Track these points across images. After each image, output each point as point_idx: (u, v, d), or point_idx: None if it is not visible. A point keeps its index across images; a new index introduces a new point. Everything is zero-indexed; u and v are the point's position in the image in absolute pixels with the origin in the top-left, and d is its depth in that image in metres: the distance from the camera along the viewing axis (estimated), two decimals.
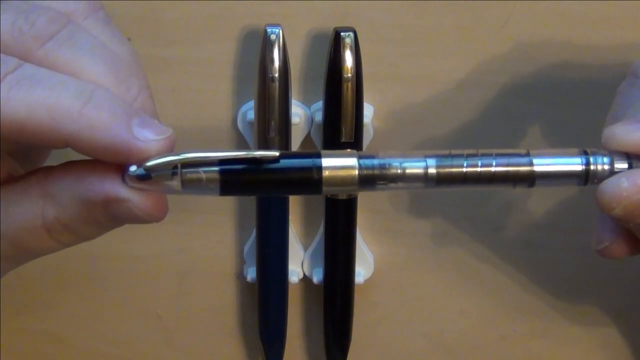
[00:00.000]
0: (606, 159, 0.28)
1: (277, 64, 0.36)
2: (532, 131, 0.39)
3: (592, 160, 0.28)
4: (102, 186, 0.27)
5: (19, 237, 0.27)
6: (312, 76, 0.39)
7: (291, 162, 0.27)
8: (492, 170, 0.28)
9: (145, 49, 0.38)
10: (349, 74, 0.36)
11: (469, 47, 0.39)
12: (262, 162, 0.27)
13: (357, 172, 0.28)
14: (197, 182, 0.27)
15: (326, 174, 0.27)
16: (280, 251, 0.40)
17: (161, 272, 0.42)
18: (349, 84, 0.36)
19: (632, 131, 0.28)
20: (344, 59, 0.36)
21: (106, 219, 0.27)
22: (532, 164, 0.28)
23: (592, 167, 0.28)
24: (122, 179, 0.27)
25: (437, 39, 0.38)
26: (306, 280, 0.42)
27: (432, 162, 0.28)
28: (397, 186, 0.28)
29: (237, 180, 0.27)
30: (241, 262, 0.42)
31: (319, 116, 0.39)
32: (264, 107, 0.37)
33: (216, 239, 0.42)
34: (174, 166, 0.27)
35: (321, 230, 0.41)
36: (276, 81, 0.36)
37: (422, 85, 0.39)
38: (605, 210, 0.28)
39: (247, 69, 0.39)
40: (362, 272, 0.41)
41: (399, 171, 0.28)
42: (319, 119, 0.39)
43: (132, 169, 0.26)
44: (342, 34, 0.36)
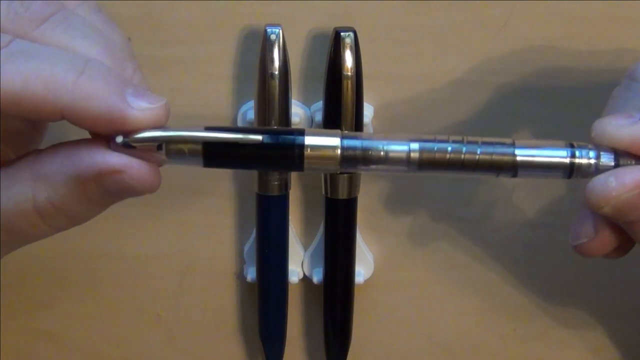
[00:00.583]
0: (592, 153, 0.28)
1: (277, 63, 0.36)
2: (532, 131, 0.39)
3: (577, 153, 0.28)
4: (92, 159, 0.27)
5: (11, 222, 0.27)
6: (312, 76, 0.39)
7: (274, 139, 0.28)
8: (476, 157, 0.28)
9: (145, 49, 0.38)
10: (349, 74, 0.36)
11: (469, 47, 0.39)
12: (245, 135, 0.27)
13: (339, 152, 0.28)
14: (181, 154, 0.27)
15: (308, 152, 0.27)
16: (280, 251, 0.40)
17: (161, 272, 0.42)
18: (349, 84, 0.36)
19: (623, 127, 0.28)
20: (344, 59, 0.36)
21: (99, 194, 0.27)
22: (517, 154, 0.28)
23: (577, 161, 0.28)
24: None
25: (437, 39, 0.38)
26: (306, 280, 0.42)
27: (415, 146, 0.28)
28: (379, 168, 0.28)
29: (221, 154, 0.27)
30: (241, 262, 0.42)
31: (319, 116, 0.39)
32: (264, 107, 0.37)
33: (216, 239, 0.42)
34: (157, 142, 0.27)
35: (321, 230, 0.41)
36: (276, 81, 0.36)
37: (422, 85, 0.39)
38: (594, 208, 0.28)
39: (247, 69, 0.39)
40: (362, 272, 0.41)
41: (382, 153, 0.28)
42: (319, 119, 0.39)
43: (118, 138, 0.27)
44: (342, 34, 0.36)
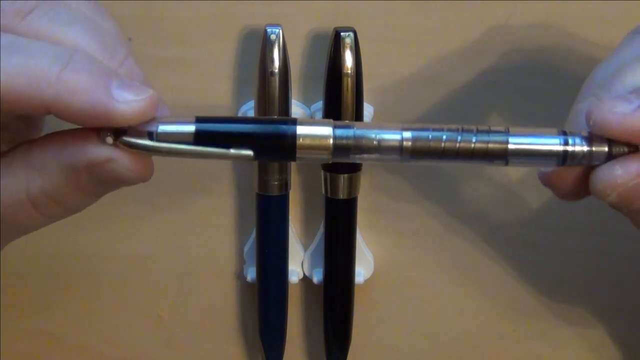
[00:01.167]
0: (584, 140, 0.28)
1: (277, 63, 0.36)
2: None
3: (570, 141, 0.28)
4: (84, 149, 0.27)
5: (5, 212, 0.27)
6: (312, 76, 0.39)
7: (267, 128, 0.27)
8: (472, 146, 0.28)
9: (145, 49, 0.38)
10: (349, 74, 0.36)
11: (469, 47, 0.39)
12: (237, 124, 0.27)
13: (331, 142, 0.28)
14: (170, 143, 0.27)
15: (300, 141, 0.27)
16: (280, 251, 0.40)
17: (161, 272, 0.42)
18: (349, 84, 0.36)
19: (623, 116, 0.27)
20: (344, 59, 0.36)
21: (92, 184, 0.27)
22: (510, 142, 0.28)
23: (570, 148, 0.28)
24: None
25: (437, 39, 0.38)
26: (306, 280, 0.42)
27: (407, 134, 0.28)
28: (371, 157, 0.28)
29: (210, 141, 0.27)
30: (241, 262, 0.42)
31: (319, 116, 0.39)
32: (264, 107, 0.37)
33: (216, 239, 0.42)
34: (150, 123, 0.27)
35: (321, 230, 0.41)
36: (276, 81, 0.36)
37: (422, 85, 0.39)
38: (600, 196, 0.28)
39: (247, 69, 0.39)
40: (362, 272, 0.41)
41: (375, 142, 0.28)
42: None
43: (108, 140, 0.27)
44: (342, 34, 0.36)
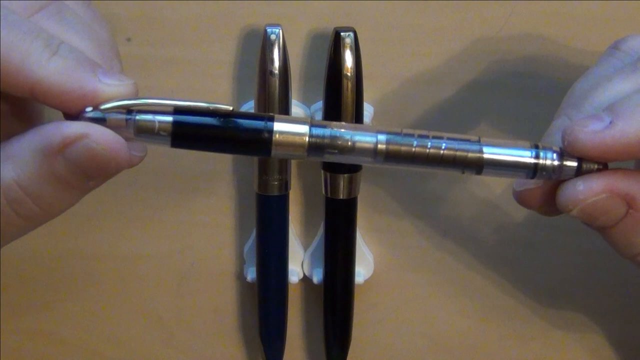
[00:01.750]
0: (556, 155, 0.29)
1: (277, 63, 0.36)
2: (532, 131, 0.39)
3: (542, 154, 0.29)
4: (58, 129, 0.26)
5: None
6: (312, 76, 0.39)
7: (244, 122, 0.28)
8: (441, 152, 0.28)
9: (145, 49, 0.38)
10: (349, 74, 0.36)
11: (469, 47, 0.39)
12: (216, 116, 0.27)
13: (307, 139, 0.28)
14: (149, 130, 0.27)
15: (277, 137, 0.28)
16: (280, 251, 0.40)
17: (161, 272, 0.42)
18: (348, 84, 0.36)
19: (594, 134, 0.28)
20: (344, 59, 0.36)
21: (68, 170, 0.27)
22: (482, 151, 0.29)
23: (541, 162, 0.29)
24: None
25: (437, 39, 0.38)
26: (306, 280, 0.42)
27: (382, 137, 0.28)
28: (346, 158, 0.28)
29: (189, 133, 0.27)
30: (241, 262, 0.42)
31: (319, 116, 0.39)
32: (264, 107, 0.37)
33: (216, 239, 0.42)
34: (128, 111, 0.27)
35: (321, 230, 0.41)
36: (276, 81, 0.36)
37: (422, 85, 0.39)
38: (564, 211, 0.29)
39: (247, 69, 0.39)
40: (362, 272, 0.41)
41: (349, 143, 0.28)
42: (319, 119, 0.39)
43: (88, 109, 0.27)
44: (342, 34, 0.36)
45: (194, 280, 0.43)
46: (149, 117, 0.27)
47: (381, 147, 0.28)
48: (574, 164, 0.29)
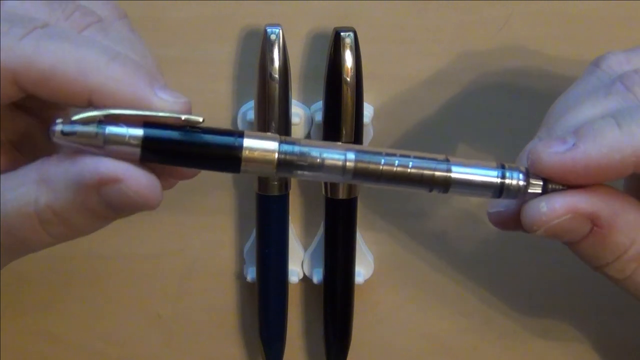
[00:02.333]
0: (522, 175, 0.29)
1: (277, 64, 0.36)
2: (532, 131, 0.39)
3: (508, 174, 0.29)
4: (96, 166, 0.27)
5: (12, 224, 0.27)
6: (312, 76, 0.39)
7: (213, 138, 0.28)
8: (408, 170, 0.29)
9: None
10: (349, 74, 0.36)
11: (469, 47, 0.39)
12: (186, 129, 0.27)
13: (276, 156, 0.28)
14: (119, 144, 0.27)
15: (246, 153, 0.28)
16: (280, 251, 0.40)
17: (161, 272, 0.42)
18: (348, 84, 0.36)
19: (556, 155, 0.28)
20: (344, 59, 0.36)
21: (100, 206, 0.27)
22: (449, 171, 0.29)
23: (507, 181, 0.29)
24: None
25: (437, 39, 0.38)
26: (306, 280, 0.42)
27: (351, 155, 0.28)
28: (315, 175, 0.29)
29: (159, 148, 0.27)
30: (241, 262, 0.42)
31: (319, 116, 0.39)
32: (264, 107, 0.37)
33: (216, 239, 0.42)
34: (99, 123, 0.27)
35: (321, 230, 0.41)
36: (276, 81, 0.36)
37: (422, 85, 0.39)
38: (529, 231, 0.29)
39: (247, 69, 0.39)
40: (362, 272, 0.41)
41: (318, 160, 0.28)
42: (319, 119, 0.39)
43: (58, 121, 0.27)
44: (342, 34, 0.36)
45: (194, 280, 0.43)
46: (119, 130, 0.27)
47: (349, 164, 0.28)
48: (540, 184, 0.29)
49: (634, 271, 0.29)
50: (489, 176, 0.29)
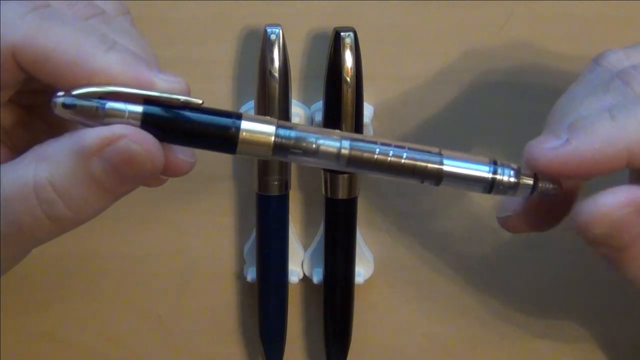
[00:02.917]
0: (513, 172, 0.29)
1: (277, 63, 0.36)
2: (532, 131, 0.39)
3: (499, 170, 0.29)
4: (96, 130, 0.27)
5: (10, 208, 0.27)
6: (312, 76, 0.39)
7: (212, 118, 0.28)
8: (402, 161, 0.29)
9: None
10: (349, 74, 0.36)
11: (469, 47, 0.39)
12: (185, 109, 0.28)
13: (272, 139, 0.28)
14: (118, 118, 0.27)
15: (243, 135, 0.28)
16: (280, 251, 0.40)
17: (161, 272, 0.42)
18: (349, 84, 0.36)
19: (549, 151, 0.28)
20: (344, 59, 0.36)
21: (103, 171, 0.27)
22: (442, 163, 0.29)
23: (498, 177, 0.29)
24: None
25: (437, 39, 0.38)
26: (306, 280, 0.42)
27: (346, 143, 0.29)
28: (309, 160, 0.29)
29: (157, 124, 0.27)
30: (241, 262, 0.42)
31: (319, 116, 0.39)
32: (264, 107, 0.37)
33: (216, 239, 0.42)
34: (99, 97, 0.27)
35: (321, 230, 0.41)
36: (276, 81, 0.36)
37: (422, 85, 0.39)
38: (584, 231, 0.28)
39: (247, 69, 0.39)
40: (362, 272, 0.41)
41: (314, 146, 0.29)
42: (319, 119, 0.39)
43: (60, 93, 0.27)
44: (342, 34, 0.36)
45: (194, 280, 0.43)
46: (119, 105, 0.27)
47: (344, 152, 0.29)
48: (530, 182, 0.29)
49: None
50: (481, 171, 0.29)
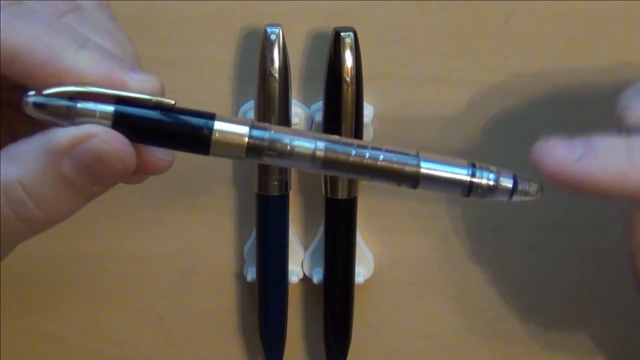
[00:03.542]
0: (492, 175, 0.29)
1: (277, 63, 0.36)
2: (531, 131, 0.39)
3: (478, 173, 0.29)
4: (66, 130, 0.26)
5: None
6: (312, 76, 0.39)
7: (185, 118, 0.28)
8: (378, 163, 0.29)
9: (145, 49, 0.38)
10: (349, 74, 0.36)
11: (469, 47, 0.39)
12: (157, 109, 0.27)
13: (246, 140, 0.28)
14: (89, 117, 0.27)
15: (216, 136, 0.28)
16: (280, 251, 0.40)
17: (161, 272, 0.42)
18: (348, 84, 0.36)
19: (564, 164, 0.28)
20: (344, 59, 0.36)
21: (73, 171, 0.26)
22: (419, 166, 0.29)
23: (476, 180, 0.29)
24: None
25: (437, 39, 0.38)
26: (306, 280, 0.42)
27: (321, 144, 0.28)
28: (284, 162, 0.29)
29: (129, 124, 0.27)
30: (241, 262, 0.42)
31: (319, 116, 0.39)
32: (264, 107, 0.37)
33: (216, 239, 0.42)
34: (70, 98, 0.27)
35: (321, 230, 0.41)
36: (276, 81, 0.36)
37: (422, 85, 0.39)
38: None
39: (247, 69, 0.39)
40: (362, 272, 0.41)
41: (288, 147, 0.28)
42: (319, 119, 0.39)
43: (31, 93, 0.27)
44: (342, 34, 0.36)
45: (194, 280, 0.43)
46: (90, 105, 0.27)
47: (319, 153, 0.28)
48: (509, 185, 0.29)
49: None
50: (459, 174, 0.29)
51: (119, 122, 0.27)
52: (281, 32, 0.36)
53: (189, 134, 0.28)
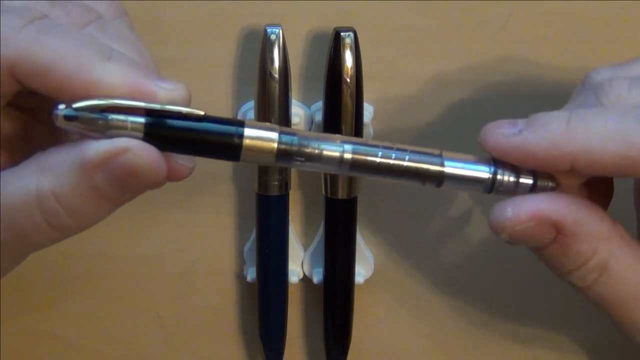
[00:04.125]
0: (513, 172, 0.30)
1: (277, 63, 0.36)
2: None
3: (499, 171, 0.30)
4: (100, 144, 0.26)
5: (11, 217, 0.27)
6: (312, 76, 0.39)
7: (215, 126, 0.28)
8: (404, 164, 0.29)
9: None
10: (349, 74, 0.36)
11: (469, 47, 0.39)
12: (187, 119, 0.28)
13: (276, 145, 0.28)
14: (121, 129, 0.27)
15: (246, 142, 0.28)
16: (280, 251, 0.40)
17: (161, 272, 0.42)
18: (348, 84, 0.36)
19: (504, 137, 0.29)
20: (344, 59, 0.36)
21: (106, 183, 0.27)
22: (443, 165, 0.29)
23: (498, 177, 0.30)
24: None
25: (437, 39, 0.38)
26: (306, 280, 0.42)
27: (348, 147, 0.29)
28: (313, 166, 0.29)
29: (160, 134, 0.27)
30: (241, 262, 0.42)
31: (319, 116, 0.39)
32: (264, 107, 0.37)
33: (216, 239, 0.42)
34: (101, 110, 0.27)
35: (321, 230, 0.41)
36: (276, 81, 0.36)
37: (422, 85, 0.39)
38: (494, 232, 0.29)
39: (247, 69, 0.39)
40: (362, 272, 0.41)
41: (316, 151, 0.29)
42: (319, 119, 0.39)
43: (61, 106, 0.27)
44: (342, 34, 0.36)
45: (194, 280, 0.43)
46: (121, 117, 0.27)
47: (347, 156, 0.29)
48: (529, 181, 0.30)
49: (594, 281, 0.30)
50: (481, 171, 0.30)
51: (150, 134, 0.27)
52: (281, 32, 0.36)
53: (220, 142, 0.28)
